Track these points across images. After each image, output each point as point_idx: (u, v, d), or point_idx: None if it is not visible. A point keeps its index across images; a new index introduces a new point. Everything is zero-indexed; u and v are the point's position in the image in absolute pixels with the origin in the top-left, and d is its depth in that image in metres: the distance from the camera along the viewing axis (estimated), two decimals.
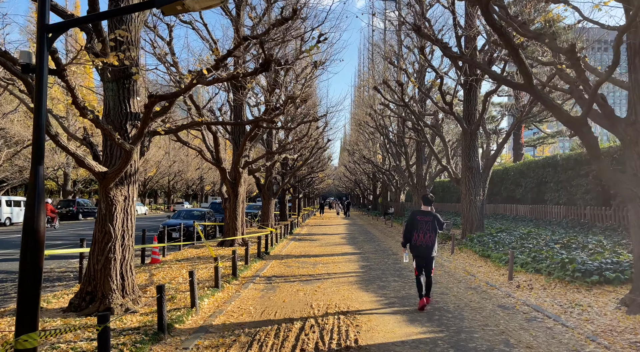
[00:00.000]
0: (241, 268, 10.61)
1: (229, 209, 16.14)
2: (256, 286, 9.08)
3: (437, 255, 7.72)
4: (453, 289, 8.72)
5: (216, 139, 14.53)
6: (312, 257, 13.57)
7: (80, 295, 6.80)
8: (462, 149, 16.51)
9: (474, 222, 15.93)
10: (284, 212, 33.25)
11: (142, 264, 11.79)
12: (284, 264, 12.09)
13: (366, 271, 11.01)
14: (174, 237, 18.15)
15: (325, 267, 11.58)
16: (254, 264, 11.63)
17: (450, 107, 15.50)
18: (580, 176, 19.32)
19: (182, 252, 14.44)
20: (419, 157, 25.86)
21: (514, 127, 14.95)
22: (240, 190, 16.13)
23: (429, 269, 7.33)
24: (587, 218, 18.69)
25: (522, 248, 11.69)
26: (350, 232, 23.60)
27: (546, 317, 6.59)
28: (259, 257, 12.67)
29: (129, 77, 6.96)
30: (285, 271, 10.89)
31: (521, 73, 6.58)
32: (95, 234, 6.87)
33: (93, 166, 6.31)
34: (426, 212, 7.33)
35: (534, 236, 13.88)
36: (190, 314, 6.51)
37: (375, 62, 26.36)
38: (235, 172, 15.78)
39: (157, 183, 62.26)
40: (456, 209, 37.25)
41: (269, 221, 25.02)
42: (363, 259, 13.02)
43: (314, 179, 44.51)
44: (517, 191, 25.74)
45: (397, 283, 9.38)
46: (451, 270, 11.09)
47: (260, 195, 25.65)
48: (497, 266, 11.07)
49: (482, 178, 16.10)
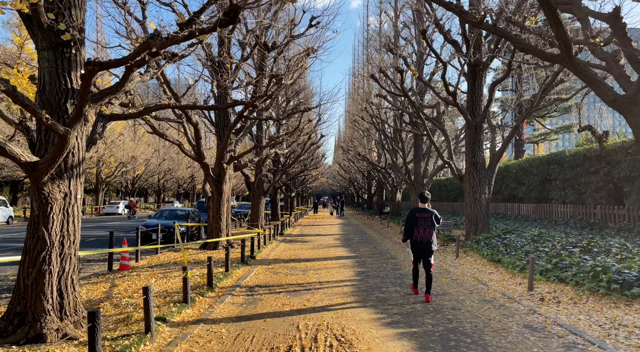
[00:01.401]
0: (220, 276, 9.26)
1: (212, 208, 14.77)
2: (234, 299, 7.74)
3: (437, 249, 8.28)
4: (465, 303, 7.43)
5: (197, 131, 13.15)
6: (303, 261, 12.24)
7: (8, 317, 5.43)
8: (465, 144, 15.25)
9: (479, 222, 14.69)
10: (276, 211, 31.88)
11: (109, 271, 10.40)
12: (270, 270, 10.75)
13: (363, 278, 9.70)
14: (154, 239, 16.75)
15: (317, 274, 10.26)
16: (236, 271, 10.27)
17: (453, 98, 14.22)
18: (589, 173, 18.13)
19: (159, 256, 13.05)
20: (417, 154, 24.58)
21: (523, 118, 13.72)
22: (225, 188, 14.76)
23: (428, 265, 7.67)
24: (598, 218, 17.50)
25: (538, 252, 10.44)
26: (344, 233, 22.29)
27: (588, 344, 5.31)
28: (243, 262, 11.31)
29: (69, 44, 5.58)
30: (271, 280, 9.55)
31: (558, 40, 5.28)
32: (26, 241, 5.49)
33: (17, 155, 4.93)
34: (424, 209, 7.77)
35: (547, 238, 12.64)
36: (143, 343, 5.16)
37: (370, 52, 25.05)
38: (220, 168, 14.41)
39: (147, 181, 60.58)
40: (454, 207, 36.06)
41: (258, 221, 23.66)
42: (359, 264, 11.71)
43: (307, 177, 43.16)
44: (520, 189, 24.54)
45: (399, 294, 8.07)
46: (459, 277, 9.81)
47: (250, 193, 24.27)
48: (511, 272, 9.80)
49: (488, 175, 14.86)
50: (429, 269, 7.63)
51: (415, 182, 24.20)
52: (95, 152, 44.00)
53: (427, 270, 7.64)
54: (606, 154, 17.14)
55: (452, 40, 14.82)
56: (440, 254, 13.58)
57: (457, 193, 36.14)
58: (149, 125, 12.33)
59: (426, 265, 7.66)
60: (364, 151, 34.58)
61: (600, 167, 17.43)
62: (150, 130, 12.64)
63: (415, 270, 7.99)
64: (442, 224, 19.27)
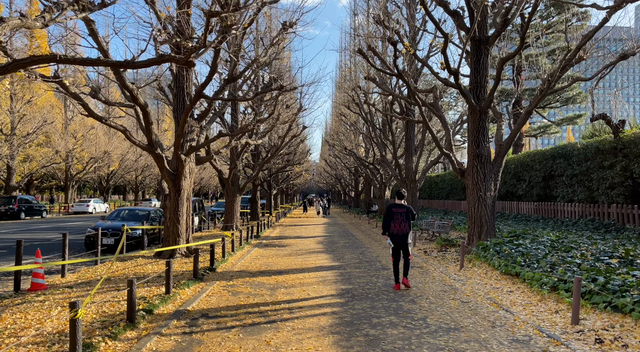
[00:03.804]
0: (156, 302, 6.90)
1: (169, 208, 12.38)
2: (161, 343, 5.40)
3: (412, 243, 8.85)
4: (491, 344, 5.21)
5: (146, 114, 10.73)
6: (274, 274, 9.94)
7: None
8: (468, 132, 13.09)
9: (484, 224, 12.54)
10: (256, 210, 29.47)
11: (15, 291, 7.95)
12: (229, 288, 8.42)
13: (347, 300, 7.45)
14: (105, 245, 14.29)
15: (288, 294, 7.98)
16: (183, 291, 7.91)
17: (455, 78, 12.03)
18: (603, 167, 16.13)
19: (97, 268, 10.63)
20: (409, 147, 22.41)
21: (538, 101, 11.58)
22: (184, 184, 12.37)
23: (406, 254, 8.24)
24: (613, 218, 15.51)
25: (566, 264, 8.30)
26: (328, 235, 20.03)
27: None
28: (196, 277, 8.93)
29: None
30: (227, 303, 7.24)
31: None
32: None
33: None
34: (400, 205, 8.30)
35: (569, 244, 10.53)
36: None
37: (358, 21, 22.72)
38: (177, 161, 12.01)
39: (123, 178, 57.47)
40: (445, 206, 34.08)
41: (233, 221, 21.27)
42: (343, 278, 9.45)
43: (291, 174, 40.78)
44: (519, 186, 22.55)
45: (398, 330, 5.83)
46: (470, 298, 7.61)
47: (224, 191, 21.85)
48: (537, 291, 7.64)
49: (494, 169, 12.73)
50: (407, 258, 8.28)
51: (406, 178, 22.04)
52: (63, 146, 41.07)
53: (406, 259, 8.28)
54: (623, 145, 15.15)
55: (453, 11, 12.61)
56: (440, 263, 11.40)
57: (448, 191, 34.17)
58: (81, 105, 9.88)
59: (405, 255, 8.30)
60: (350, 145, 32.37)
61: (616, 160, 15.44)
62: (86, 113, 10.19)
63: (395, 265, 8.34)
64: (438, 225, 17.16)
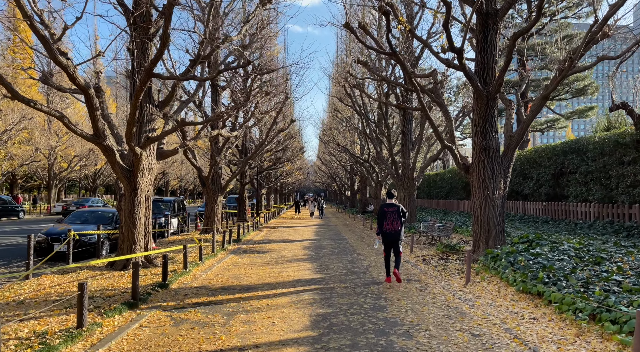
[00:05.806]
0: (55, 342, 5.07)
1: (124, 210, 10.55)
2: None
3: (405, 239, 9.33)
4: None
5: (88, 98, 8.89)
6: (239, 292, 8.13)
7: None
8: (473, 122, 11.31)
9: (492, 228, 10.77)
10: (243, 210, 27.62)
11: None
12: (175, 314, 6.60)
13: (321, 336, 5.63)
14: (59, 252, 12.44)
15: (248, 322, 6.16)
16: (110, 320, 6.07)
17: (459, 58, 10.24)
18: (623, 163, 14.34)
19: (28, 283, 8.78)
20: (406, 142, 20.61)
21: (557, 83, 9.79)
22: (142, 181, 10.53)
23: (397, 252, 8.68)
24: (635, 220, 13.71)
25: (602, 282, 6.51)
26: (317, 238, 18.22)
27: None
28: (135, 299, 7.05)
29: None
30: (160, 339, 5.42)
31: None
32: None
33: None
34: (392, 204, 8.77)
35: (598, 253, 8.73)
36: None
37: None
38: (132, 155, 10.18)
39: (110, 177, 55.47)
40: (445, 206, 32.30)
41: (214, 223, 19.44)
42: (322, 298, 7.63)
43: (282, 172, 38.93)
44: (526, 184, 20.76)
45: None
46: (483, 329, 5.81)
47: (204, 190, 20.03)
48: (571, 320, 5.85)
49: (504, 164, 10.95)
50: (398, 255, 8.65)
51: (403, 176, 20.24)
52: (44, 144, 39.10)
53: (397, 256, 8.66)
54: None
55: None
56: (441, 275, 9.60)
57: (448, 190, 32.41)
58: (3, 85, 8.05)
59: (396, 253, 8.66)
60: (344, 142, 30.57)
61: (638, 155, 13.66)
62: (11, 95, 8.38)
63: (387, 259, 8.68)
64: (438, 228, 15.39)
